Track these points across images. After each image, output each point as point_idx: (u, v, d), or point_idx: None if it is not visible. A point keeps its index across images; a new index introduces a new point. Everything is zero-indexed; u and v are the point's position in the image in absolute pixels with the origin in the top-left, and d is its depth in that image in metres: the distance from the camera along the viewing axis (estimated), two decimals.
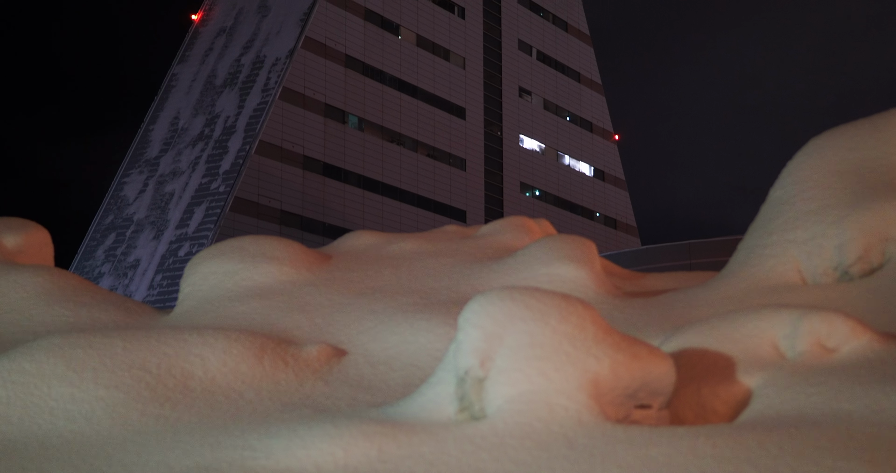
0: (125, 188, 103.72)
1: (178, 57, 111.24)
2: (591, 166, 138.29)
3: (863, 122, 15.37)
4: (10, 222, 18.26)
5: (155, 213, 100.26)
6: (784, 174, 15.15)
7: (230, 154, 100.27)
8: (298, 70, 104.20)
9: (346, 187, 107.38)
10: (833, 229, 13.67)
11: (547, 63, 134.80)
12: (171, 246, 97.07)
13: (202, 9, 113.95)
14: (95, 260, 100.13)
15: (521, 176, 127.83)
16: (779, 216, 14.49)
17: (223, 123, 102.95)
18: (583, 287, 14.89)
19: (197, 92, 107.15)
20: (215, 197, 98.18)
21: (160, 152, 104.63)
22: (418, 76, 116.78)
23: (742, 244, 14.90)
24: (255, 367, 12.37)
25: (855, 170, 14.58)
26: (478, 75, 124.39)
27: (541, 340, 8.94)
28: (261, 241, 16.87)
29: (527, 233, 18.30)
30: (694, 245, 66.22)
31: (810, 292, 13.21)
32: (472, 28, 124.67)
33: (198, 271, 16.42)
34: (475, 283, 15.48)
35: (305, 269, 16.42)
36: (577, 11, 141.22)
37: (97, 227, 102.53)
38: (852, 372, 9.17)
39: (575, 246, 15.53)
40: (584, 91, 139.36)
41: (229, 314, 15.02)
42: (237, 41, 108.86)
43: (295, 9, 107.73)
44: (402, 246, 17.67)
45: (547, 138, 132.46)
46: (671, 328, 12.61)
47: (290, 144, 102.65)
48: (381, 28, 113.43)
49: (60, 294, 15.83)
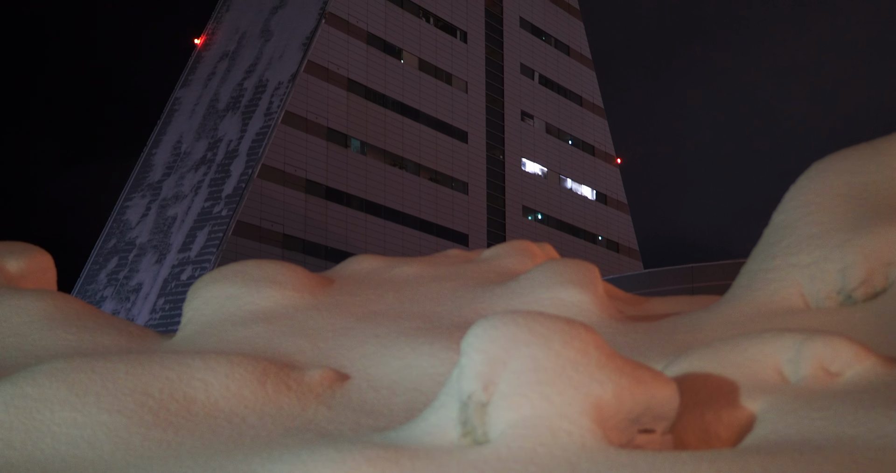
0: (128, 212, 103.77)
1: (180, 81, 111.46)
2: (593, 190, 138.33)
3: (865, 146, 15.38)
4: (13, 247, 18.27)
5: (157, 237, 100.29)
6: (787, 198, 15.15)
7: (233, 178, 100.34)
8: (301, 94, 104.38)
9: (348, 210, 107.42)
10: (836, 253, 13.66)
11: (549, 87, 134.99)
12: (173, 270, 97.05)
13: (205, 33, 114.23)
14: (98, 284, 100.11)
15: (524, 200, 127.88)
16: (782, 240, 14.49)
17: (226, 146, 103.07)
18: (586, 311, 14.87)
19: (200, 116, 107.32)
20: (218, 221, 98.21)
21: (163, 176, 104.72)
22: (421, 100, 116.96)
23: (745, 268, 14.89)
24: (257, 391, 12.36)
25: (858, 194, 14.58)
26: (480, 99, 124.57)
27: (544, 364, 8.92)
28: (263, 265, 16.87)
29: (529, 257, 18.29)
30: (696, 269, 66.18)
31: (813, 316, 13.20)
32: (474, 52, 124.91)
33: (200, 295, 16.41)
34: (478, 307, 15.47)
35: (308, 293, 16.41)
36: (579, 35, 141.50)
37: (100, 251, 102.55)
38: (856, 397, 9.15)
39: (578, 270, 15.53)
40: (587, 115, 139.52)
41: (232, 339, 15.01)
42: (240, 65, 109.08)
43: (297, 33, 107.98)
44: (404, 270, 17.67)
45: (549, 162, 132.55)
46: (674, 352, 12.59)
47: (292, 167, 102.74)
48: (383, 52, 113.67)
49: (63, 319, 15.83)
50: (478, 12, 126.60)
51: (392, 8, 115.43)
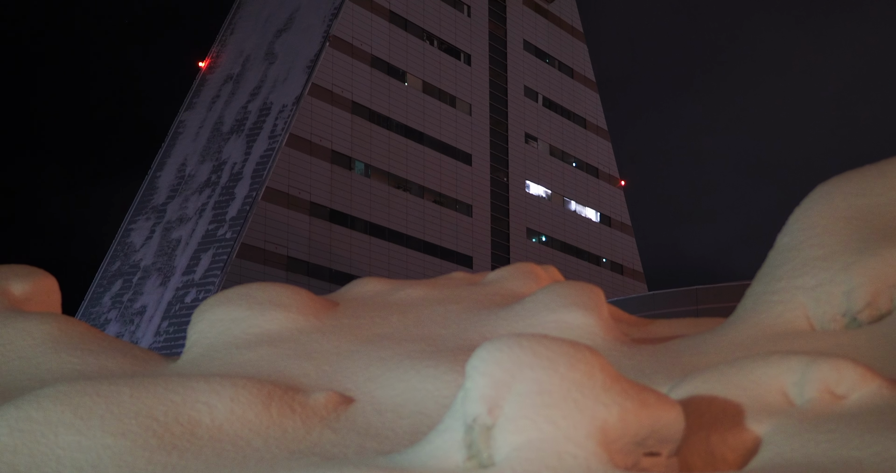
0: (132, 235, 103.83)
1: (185, 104, 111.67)
2: (597, 212, 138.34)
3: (869, 168, 15.38)
4: (17, 270, 18.28)
5: (161, 259, 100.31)
6: (792, 220, 15.15)
7: (237, 201, 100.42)
8: (305, 117, 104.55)
9: (352, 233, 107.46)
10: (841, 276, 13.65)
11: (553, 109, 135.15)
12: (177, 293, 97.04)
13: (209, 56, 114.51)
14: (102, 307, 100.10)
15: (528, 222, 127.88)
16: (786, 262, 14.48)
17: (230, 169, 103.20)
18: (591, 334, 14.86)
19: (204, 139, 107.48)
20: (222, 243, 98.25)
21: (167, 199, 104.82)
22: (424, 123, 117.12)
23: (750, 291, 14.88)
24: (262, 414, 12.34)
25: (862, 216, 14.57)
26: (484, 121, 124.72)
27: (549, 387, 8.91)
28: (268, 288, 16.86)
29: (534, 280, 18.28)
30: (701, 291, 66.13)
31: (819, 338, 13.18)
32: (478, 75, 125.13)
33: (205, 318, 16.41)
34: (483, 330, 15.45)
35: (312, 316, 16.40)
36: (583, 58, 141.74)
37: (104, 273, 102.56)
38: (862, 419, 9.13)
39: (583, 293, 15.51)
40: (591, 137, 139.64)
41: (236, 362, 15.01)
42: (244, 88, 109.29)
43: (302, 56, 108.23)
44: (409, 293, 17.66)
45: (553, 184, 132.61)
46: (680, 374, 12.58)
47: (296, 190, 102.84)
48: (387, 75, 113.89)
49: (67, 342, 15.83)
50: (481, 35, 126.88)
51: (396, 31, 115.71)
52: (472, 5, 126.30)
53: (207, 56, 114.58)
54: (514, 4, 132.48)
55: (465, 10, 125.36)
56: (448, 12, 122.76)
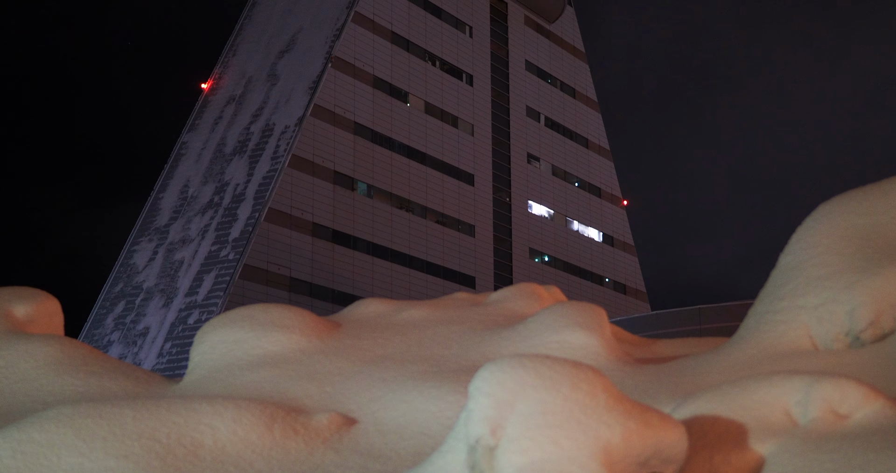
0: (135, 256, 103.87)
1: (187, 125, 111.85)
2: (599, 232, 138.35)
3: (871, 187, 15.38)
4: (20, 292, 18.28)
5: (164, 281, 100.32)
6: (794, 240, 15.14)
7: (239, 222, 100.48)
8: (307, 138, 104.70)
9: (355, 253, 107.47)
10: (844, 295, 13.64)
11: (555, 129, 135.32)
12: (180, 314, 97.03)
13: (211, 78, 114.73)
14: (105, 328, 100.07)
15: (530, 242, 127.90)
16: (789, 282, 14.47)
17: (232, 190, 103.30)
18: (593, 354, 14.85)
19: (206, 160, 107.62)
20: (224, 265, 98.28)
21: (170, 220, 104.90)
22: (427, 143, 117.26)
23: (752, 310, 14.87)
24: (264, 436, 12.33)
25: (864, 235, 14.57)
26: (486, 142, 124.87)
27: (552, 408, 8.91)
28: (270, 309, 16.87)
29: (536, 300, 18.28)
30: (704, 310, 66.08)
31: (822, 357, 13.16)
32: (480, 95, 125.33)
33: (207, 339, 16.41)
34: (485, 350, 15.44)
35: (315, 337, 16.40)
36: (585, 78, 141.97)
37: (107, 295, 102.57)
38: (865, 439, 9.12)
39: (585, 313, 15.51)
40: (593, 157, 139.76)
41: (239, 383, 15.00)
42: (246, 109, 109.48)
43: (304, 77, 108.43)
44: (411, 314, 17.66)
45: (555, 204, 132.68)
46: (682, 394, 12.56)
47: (299, 211, 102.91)
48: (389, 95, 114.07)
49: (70, 364, 15.82)
50: (483, 56, 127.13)
51: (398, 52, 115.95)
52: (474, 26, 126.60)
53: (210, 78, 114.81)
54: (516, 25, 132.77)
55: (467, 30, 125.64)
56: (450, 33, 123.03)
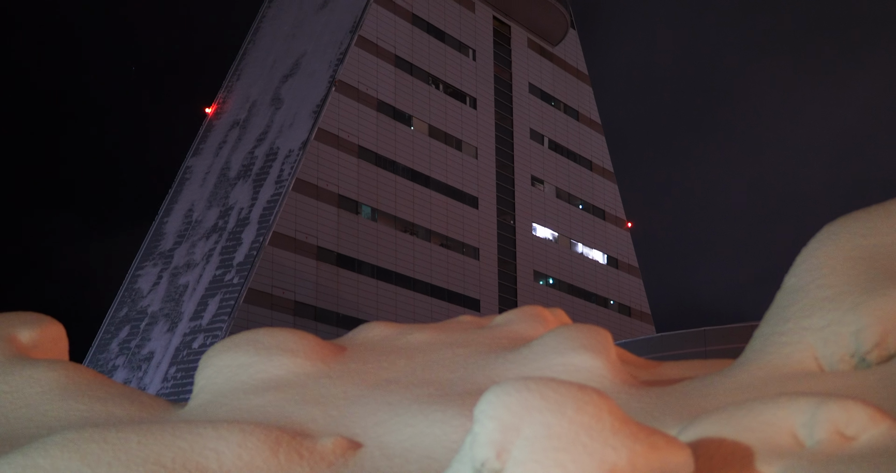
0: (139, 281, 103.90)
1: (191, 150, 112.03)
2: (604, 254, 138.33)
3: (876, 208, 15.38)
4: (25, 317, 18.28)
5: (169, 305, 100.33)
6: (798, 261, 15.13)
7: (244, 246, 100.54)
8: (311, 161, 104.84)
9: (359, 277, 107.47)
10: (849, 316, 13.62)
11: (559, 152, 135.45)
12: (185, 338, 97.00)
13: (216, 102, 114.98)
14: (110, 353, 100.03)
15: (535, 264, 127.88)
16: (794, 303, 14.45)
17: (237, 214, 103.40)
18: (599, 377, 14.82)
19: (211, 184, 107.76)
20: (229, 289, 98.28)
21: (174, 245, 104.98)
22: (431, 166, 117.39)
23: (758, 332, 14.85)
24: (270, 460, 12.31)
25: (869, 256, 14.56)
26: (490, 165, 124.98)
27: (558, 431, 8.89)
28: (275, 333, 16.86)
29: (541, 322, 18.26)
30: (710, 332, 66.04)
31: (828, 379, 13.14)
32: (483, 118, 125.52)
33: (212, 363, 16.41)
34: (490, 374, 15.42)
35: (320, 361, 16.39)
36: (588, 100, 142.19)
37: (111, 320, 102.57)
38: (872, 460, 9.10)
39: (590, 335, 15.49)
40: (597, 179, 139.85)
41: (244, 407, 14.98)
42: (251, 133, 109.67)
43: (308, 101, 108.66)
44: (416, 337, 17.64)
45: (560, 227, 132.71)
46: (688, 417, 12.54)
47: (303, 234, 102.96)
48: (393, 119, 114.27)
49: (75, 389, 15.81)
50: (487, 78, 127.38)
51: (401, 75, 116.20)
52: (478, 49, 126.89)
53: (214, 102, 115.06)
54: (519, 48, 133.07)
55: (471, 54, 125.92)
56: (453, 56, 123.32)
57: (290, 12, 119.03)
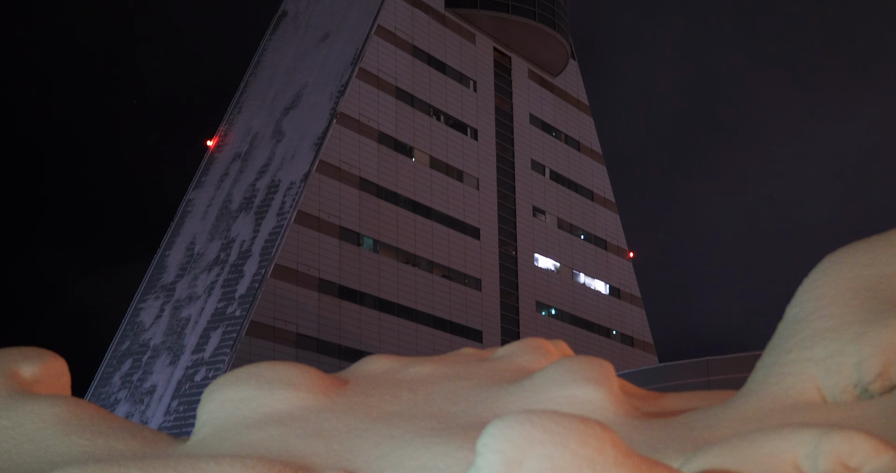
0: (141, 314, 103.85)
1: (193, 183, 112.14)
2: (606, 284, 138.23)
3: (877, 238, 15.39)
4: (27, 352, 18.29)
5: (171, 338, 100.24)
6: (800, 292, 15.13)
7: (246, 278, 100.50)
8: (313, 193, 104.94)
9: (361, 308, 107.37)
10: (851, 347, 13.61)
11: (560, 182, 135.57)
12: (187, 371, 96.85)
13: (217, 135, 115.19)
14: (112, 387, 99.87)
15: (537, 295, 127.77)
16: (796, 334, 14.44)
17: (239, 247, 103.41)
18: (601, 409, 14.80)
19: (212, 217, 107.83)
20: (231, 321, 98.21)
21: (176, 278, 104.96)
22: (432, 197, 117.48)
23: (760, 363, 14.84)
24: None
25: (871, 286, 14.56)
26: (491, 195, 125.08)
27: (561, 464, 8.88)
28: (277, 367, 16.85)
29: (543, 354, 18.25)
30: (712, 362, 65.96)
31: (830, 410, 13.11)
32: (484, 149, 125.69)
33: (215, 398, 16.39)
34: (493, 406, 15.40)
35: (322, 394, 16.37)
36: (589, 131, 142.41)
37: (113, 353, 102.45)
38: None
39: (592, 368, 15.48)
40: (598, 209, 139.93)
41: (246, 441, 14.96)
42: (252, 166, 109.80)
43: (309, 133, 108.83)
44: (418, 370, 17.63)
45: (562, 257, 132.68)
46: (692, 448, 12.51)
47: (305, 267, 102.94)
48: (394, 150, 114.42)
49: (77, 424, 15.80)
50: (488, 110, 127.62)
51: (402, 107, 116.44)
52: (478, 80, 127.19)
53: (215, 135, 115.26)
54: (520, 79, 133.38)
55: (471, 85, 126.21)
56: (454, 88, 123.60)
57: (291, 45, 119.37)
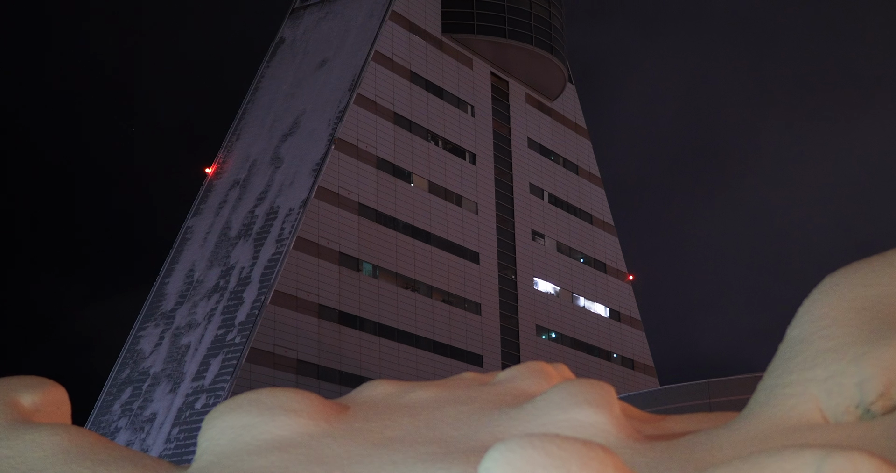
0: (141, 342, 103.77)
1: (192, 210, 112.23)
2: (606, 307, 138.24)
3: (877, 258, 15.39)
4: (27, 381, 18.25)
5: (171, 366, 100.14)
6: (801, 312, 15.12)
7: (245, 305, 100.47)
8: (312, 219, 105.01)
9: (361, 334, 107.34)
10: (853, 367, 13.60)
11: (559, 206, 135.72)
12: (187, 399, 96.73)
13: (216, 162, 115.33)
14: (112, 415, 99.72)
15: (537, 319, 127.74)
16: (797, 355, 14.43)
17: (238, 274, 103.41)
18: (603, 432, 14.78)
19: (212, 244, 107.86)
20: (231, 348, 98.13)
21: (176, 305, 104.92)
22: (431, 222, 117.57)
23: (761, 384, 14.82)
24: None
25: (872, 306, 14.55)
26: (490, 220, 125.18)
27: None
28: (277, 393, 16.83)
29: (544, 378, 18.23)
30: (713, 384, 65.94)
31: (833, 431, 13.09)
32: (483, 173, 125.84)
33: (215, 425, 16.37)
34: (494, 431, 15.38)
35: (323, 420, 16.34)
36: (588, 154, 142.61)
37: (113, 381, 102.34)
38: None
39: (594, 391, 15.46)
40: (597, 232, 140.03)
41: (248, 469, 14.93)
42: (251, 193, 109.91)
43: (308, 159, 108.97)
44: (419, 395, 17.61)
45: (561, 281, 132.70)
46: (694, 471, 12.48)
47: (304, 293, 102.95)
48: (393, 176, 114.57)
49: (78, 453, 15.76)
50: (486, 134, 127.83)
51: (401, 132, 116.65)
52: (476, 105, 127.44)
53: (214, 162, 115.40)
54: (518, 103, 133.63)
55: (469, 109, 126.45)
56: (452, 112, 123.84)
57: (288, 71, 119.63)
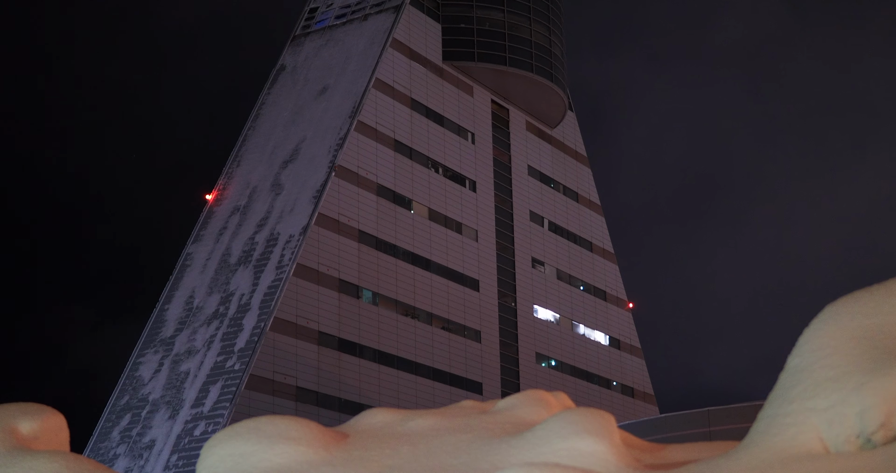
0: (140, 368, 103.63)
1: (192, 237, 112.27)
2: (606, 335, 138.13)
3: (878, 287, 15.38)
4: (25, 408, 18.21)
5: (170, 392, 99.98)
6: (801, 342, 15.11)
7: (245, 332, 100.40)
8: (312, 246, 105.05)
9: (361, 361, 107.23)
10: (853, 397, 13.58)
11: (559, 233, 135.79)
12: (186, 426, 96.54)
13: (216, 189, 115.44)
14: (111, 442, 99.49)
15: (537, 347, 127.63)
16: (798, 384, 14.41)
17: (238, 300, 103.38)
18: (603, 461, 14.74)
19: (211, 271, 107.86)
20: (231, 375, 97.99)
21: (175, 331, 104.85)
22: (431, 249, 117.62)
23: (762, 413, 14.80)
24: None
25: (872, 335, 14.55)
26: (490, 247, 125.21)
27: None
28: (276, 421, 16.80)
29: (544, 407, 18.20)
30: (713, 413, 65.81)
31: (834, 461, 13.06)
32: (483, 201, 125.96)
33: (214, 453, 16.33)
34: (494, 459, 15.34)
35: (322, 448, 16.31)
36: (588, 182, 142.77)
37: (112, 408, 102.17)
38: None
39: (593, 419, 15.43)
40: (597, 260, 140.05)
41: None
42: (251, 219, 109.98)
43: (308, 186, 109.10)
44: (419, 423, 17.58)
45: (561, 308, 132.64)
46: None
47: (304, 320, 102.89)
48: (393, 203, 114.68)
49: None
50: (486, 162, 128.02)
51: (401, 159, 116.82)
52: (476, 132, 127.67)
53: (214, 189, 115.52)
54: (518, 131, 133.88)
55: (469, 137, 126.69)
56: (452, 140, 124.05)
57: (289, 98, 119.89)
